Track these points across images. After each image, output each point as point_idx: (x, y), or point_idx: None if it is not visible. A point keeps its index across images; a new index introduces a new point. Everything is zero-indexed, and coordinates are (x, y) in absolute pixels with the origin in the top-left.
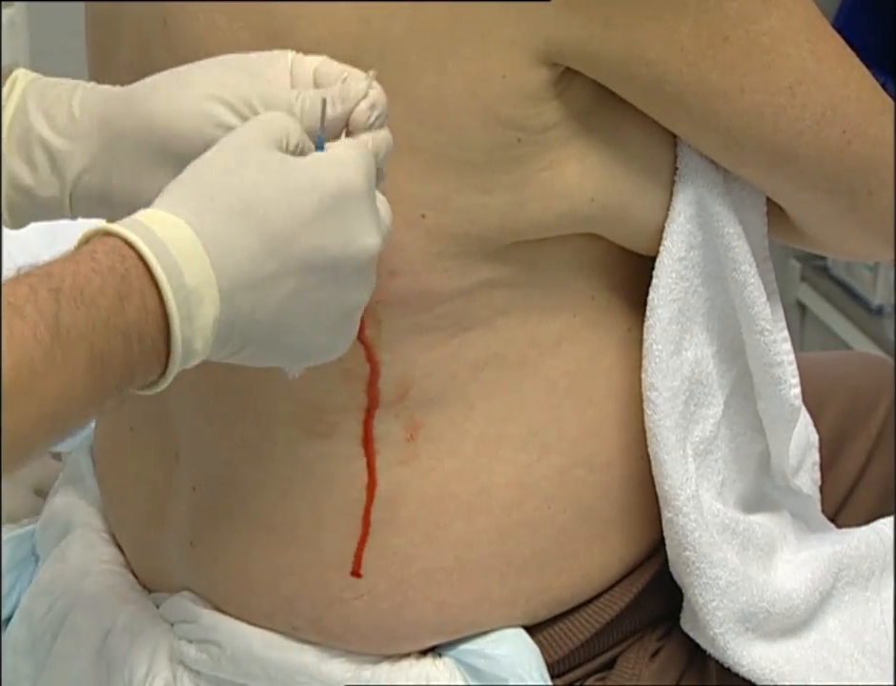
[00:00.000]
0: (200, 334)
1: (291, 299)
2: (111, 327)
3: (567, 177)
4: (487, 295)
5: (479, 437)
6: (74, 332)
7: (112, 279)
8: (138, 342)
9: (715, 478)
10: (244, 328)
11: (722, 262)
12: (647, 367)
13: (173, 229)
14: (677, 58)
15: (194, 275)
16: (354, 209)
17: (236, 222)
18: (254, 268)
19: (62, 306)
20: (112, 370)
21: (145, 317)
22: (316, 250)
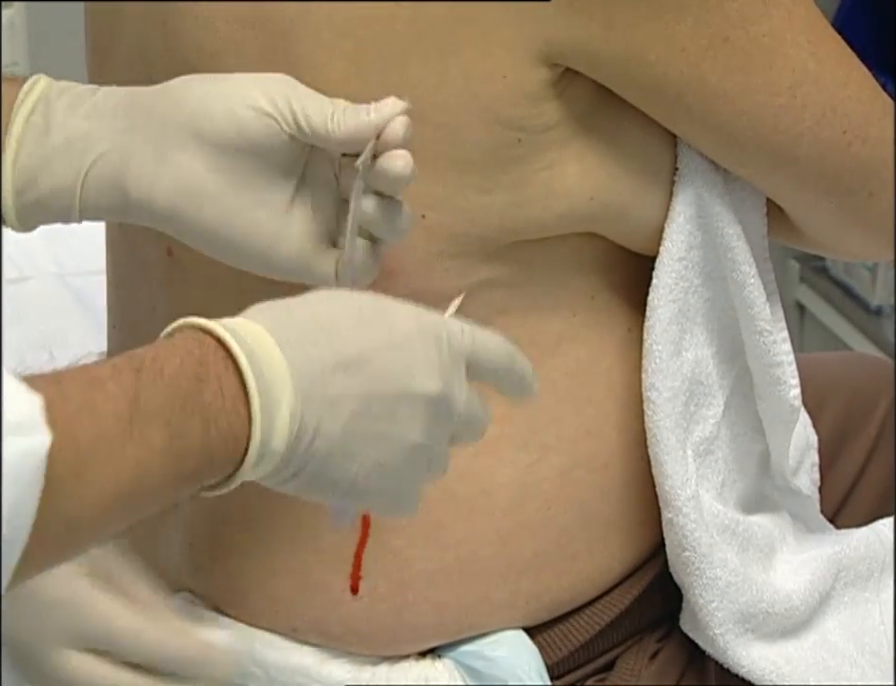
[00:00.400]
0: (278, 431)
1: (354, 421)
2: (189, 409)
3: (567, 177)
4: (487, 295)
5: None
6: (154, 408)
7: (189, 361)
8: (215, 426)
9: (715, 479)
10: (310, 441)
11: (722, 262)
12: (647, 367)
13: (252, 329)
14: (677, 59)
15: (272, 370)
16: (424, 350)
17: (312, 335)
18: (326, 380)
19: (142, 383)
20: (190, 451)
21: (222, 401)
22: (384, 378)
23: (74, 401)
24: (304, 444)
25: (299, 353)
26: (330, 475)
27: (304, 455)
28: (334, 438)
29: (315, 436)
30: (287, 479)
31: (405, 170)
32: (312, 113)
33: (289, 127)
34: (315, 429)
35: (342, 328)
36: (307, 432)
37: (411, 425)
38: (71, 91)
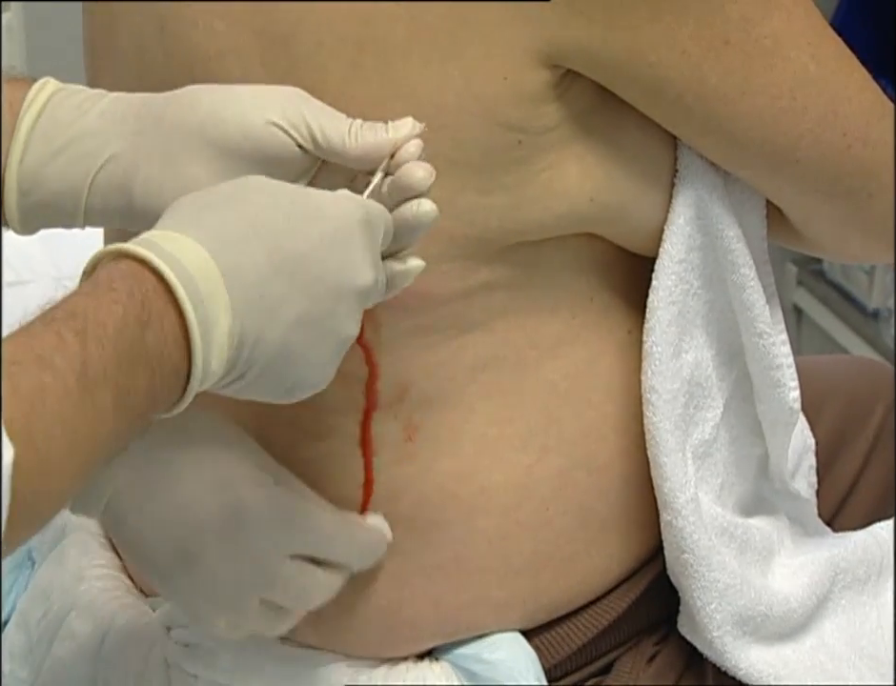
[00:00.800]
0: (216, 355)
1: (296, 325)
2: (134, 360)
3: (567, 178)
4: (486, 297)
5: (479, 438)
6: (101, 374)
7: (131, 307)
8: (159, 368)
9: (714, 481)
10: (251, 351)
11: (722, 264)
12: (647, 369)
13: (187, 248)
14: (678, 60)
15: (210, 294)
16: (355, 244)
17: (246, 243)
18: (264, 288)
19: (88, 349)
20: (138, 402)
21: (164, 341)
22: (321, 277)
23: (26, 393)
24: (244, 356)
25: (235, 265)
26: (270, 379)
27: (244, 366)
28: (274, 345)
29: (254, 347)
30: (226, 386)
31: (425, 180)
32: (328, 128)
33: (304, 140)
34: (254, 340)
35: (275, 229)
36: (246, 345)
37: (348, 320)
38: (79, 95)
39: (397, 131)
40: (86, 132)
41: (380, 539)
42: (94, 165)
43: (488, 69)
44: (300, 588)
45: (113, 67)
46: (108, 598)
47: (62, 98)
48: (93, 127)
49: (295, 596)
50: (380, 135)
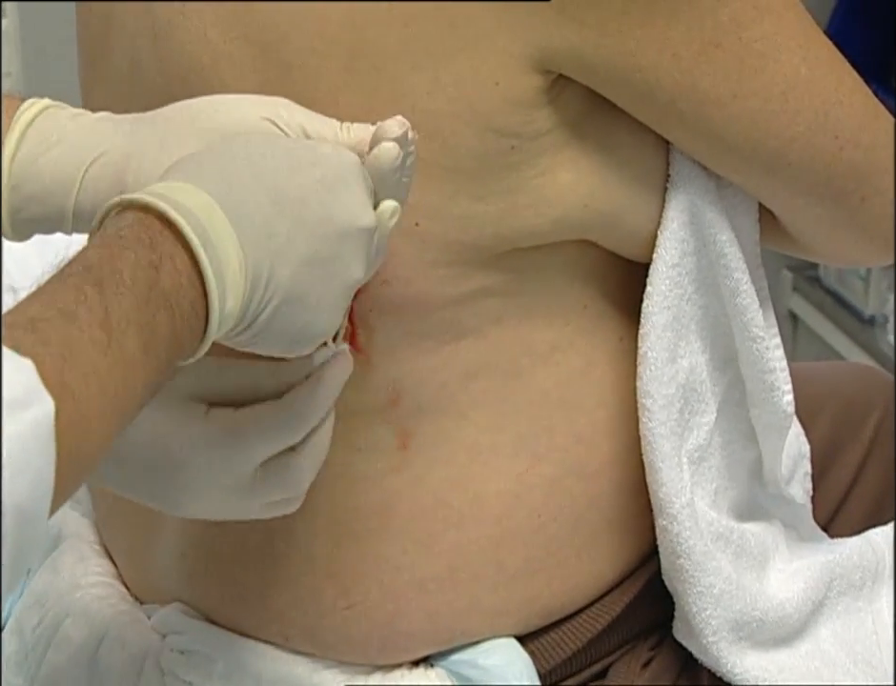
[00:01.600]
0: (231, 292)
1: (304, 265)
2: (154, 302)
3: (560, 184)
4: (480, 304)
5: (471, 446)
6: (125, 321)
7: (142, 251)
8: (178, 308)
9: (709, 486)
10: (264, 291)
11: (715, 269)
12: (642, 374)
13: (188, 193)
14: (669, 64)
15: (217, 234)
16: (354, 187)
17: (247, 186)
18: (270, 229)
19: (108, 297)
20: (162, 345)
21: (178, 281)
22: (325, 218)
23: (56, 346)
24: (257, 296)
25: (238, 207)
26: (281, 323)
27: (257, 307)
28: (286, 284)
29: (266, 286)
30: (239, 333)
31: (395, 130)
32: (319, 126)
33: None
34: (266, 279)
35: (275, 172)
36: (259, 284)
37: (354, 261)
38: (72, 110)
39: (386, 128)
40: (82, 129)
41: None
42: (88, 158)
43: (480, 74)
44: (286, 483)
45: (107, 77)
46: (103, 606)
47: (56, 109)
48: (87, 129)
49: (285, 490)
50: (370, 129)
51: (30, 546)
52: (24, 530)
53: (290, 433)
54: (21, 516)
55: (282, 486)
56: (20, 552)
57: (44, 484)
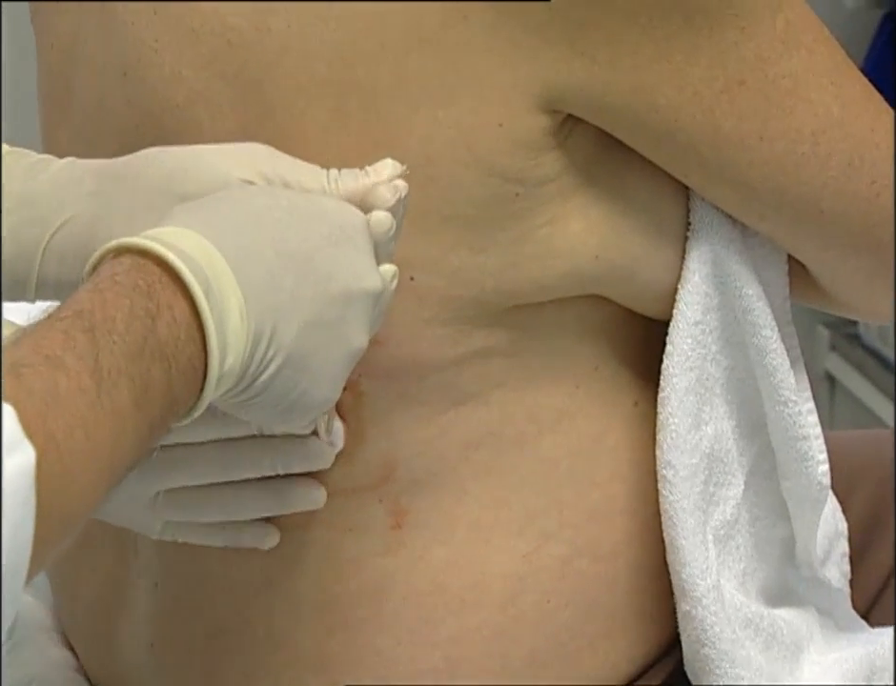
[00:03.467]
0: (232, 347)
1: (308, 327)
2: (148, 353)
3: (570, 234)
4: (482, 366)
5: (472, 524)
6: (116, 370)
7: (138, 299)
8: (174, 361)
9: (736, 567)
10: (266, 349)
11: (742, 326)
12: (663, 442)
13: (189, 238)
14: (689, 103)
15: (219, 281)
16: (360, 245)
17: (250, 235)
18: (274, 281)
19: (100, 345)
20: (156, 399)
21: (177, 333)
22: (331, 277)
23: (40, 394)
24: (259, 354)
25: (242, 257)
26: (279, 388)
27: (257, 369)
28: (287, 346)
29: (269, 345)
30: (236, 395)
31: (388, 201)
32: (304, 179)
33: None
34: (269, 338)
35: (280, 225)
36: (261, 343)
37: (358, 328)
38: (27, 158)
39: (378, 174)
40: (37, 195)
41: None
42: (48, 230)
43: (481, 115)
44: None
45: (71, 117)
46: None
47: (16, 159)
48: (45, 189)
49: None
50: (361, 181)
51: (7, 605)
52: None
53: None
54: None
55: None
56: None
57: (23, 538)
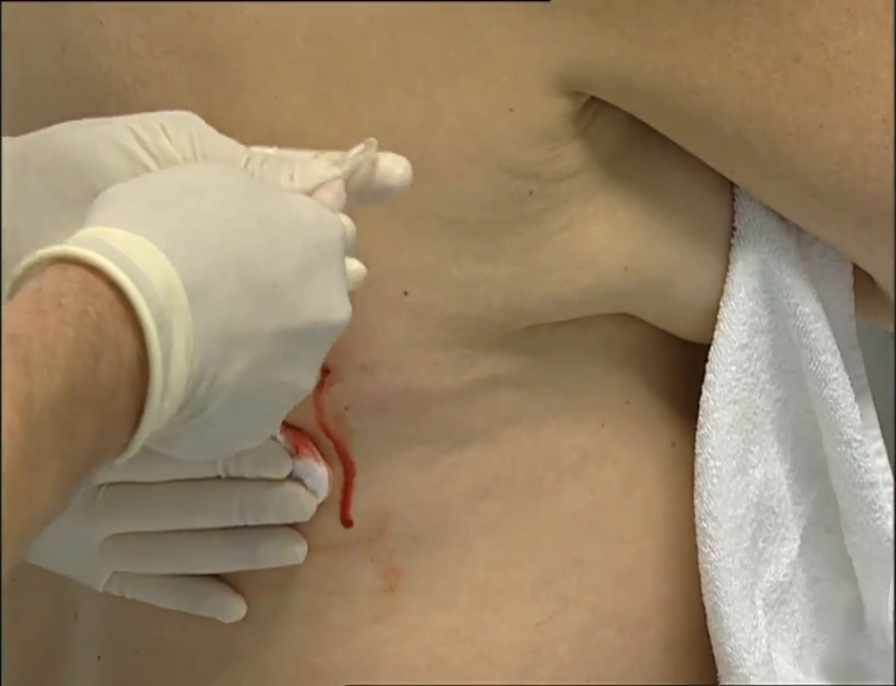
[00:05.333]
0: (171, 393)
1: (256, 367)
2: (83, 396)
3: (593, 240)
4: (489, 399)
5: (478, 587)
6: (47, 410)
7: (84, 330)
8: (109, 409)
9: (791, 637)
10: (203, 394)
11: (797, 351)
12: (702, 490)
13: (146, 253)
14: (736, 85)
15: (171, 312)
16: (334, 268)
17: (216, 255)
18: (231, 311)
19: (34, 381)
20: (83, 447)
21: (117, 376)
22: (294, 308)
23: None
24: (196, 400)
25: (202, 284)
26: (210, 430)
27: (190, 411)
28: (228, 390)
29: (208, 389)
30: (165, 437)
31: (405, 176)
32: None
33: None
34: (210, 380)
35: (249, 240)
36: (201, 386)
37: (308, 368)
38: None
39: (328, 169)
40: None
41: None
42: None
43: (489, 98)
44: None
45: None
46: None
47: None
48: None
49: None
50: (320, 172)
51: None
52: None
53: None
54: None
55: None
56: None
57: None
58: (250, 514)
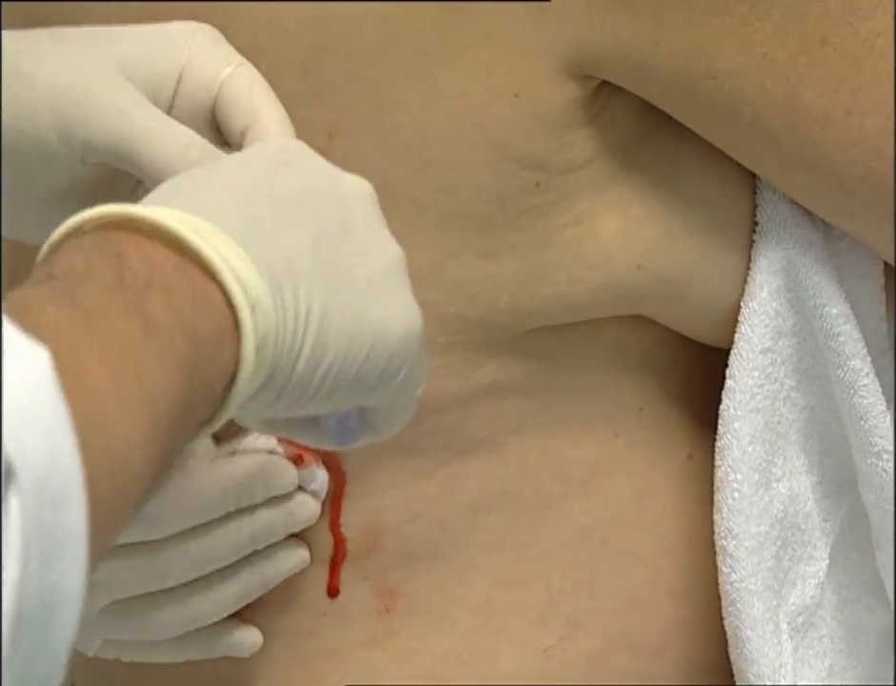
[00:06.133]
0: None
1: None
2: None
3: (605, 236)
4: (493, 406)
5: (481, 608)
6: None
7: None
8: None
9: (819, 664)
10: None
11: (824, 355)
12: (722, 505)
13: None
14: (757, 68)
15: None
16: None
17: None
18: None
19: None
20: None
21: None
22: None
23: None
24: (286, 341)
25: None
26: (298, 374)
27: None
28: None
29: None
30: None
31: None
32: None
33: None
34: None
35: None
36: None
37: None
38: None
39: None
40: None
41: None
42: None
43: (492, 82)
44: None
45: None
46: None
47: None
48: None
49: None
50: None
51: (60, 541)
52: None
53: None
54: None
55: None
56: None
57: (63, 447)
58: (261, 539)
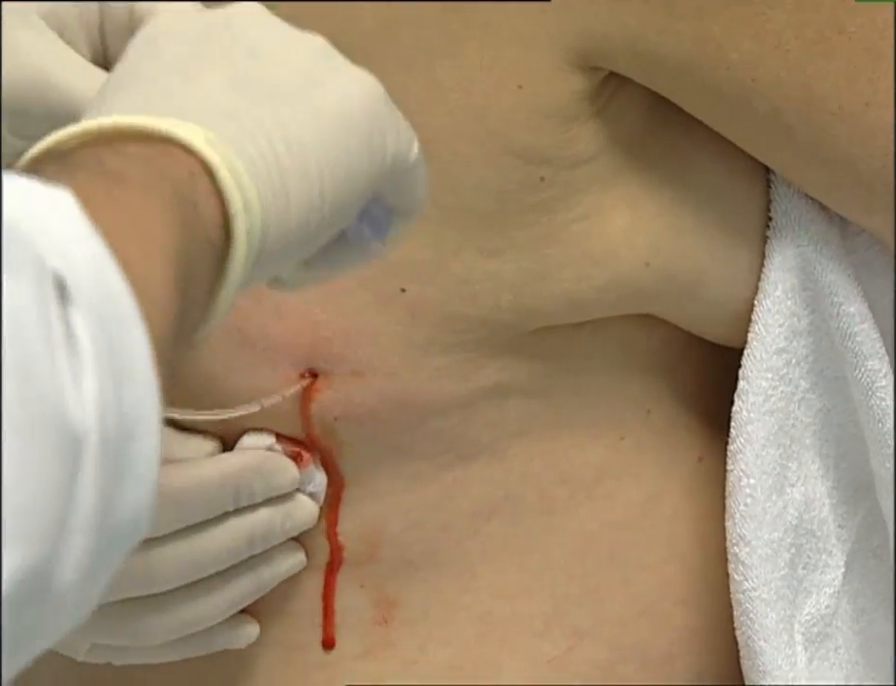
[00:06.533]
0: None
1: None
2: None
3: (612, 233)
4: (495, 408)
5: (483, 618)
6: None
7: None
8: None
9: (835, 676)
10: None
11: (840, 356)
12: (734, 511)
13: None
14: (771, 58)
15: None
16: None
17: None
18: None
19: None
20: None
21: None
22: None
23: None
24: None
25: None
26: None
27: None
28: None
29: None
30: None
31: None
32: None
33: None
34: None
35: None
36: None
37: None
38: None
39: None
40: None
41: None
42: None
43: (495, 73)
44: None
45: None
46: None
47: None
48: None
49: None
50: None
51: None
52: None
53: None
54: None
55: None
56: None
57: (110, 268)
58: (259, 542)
